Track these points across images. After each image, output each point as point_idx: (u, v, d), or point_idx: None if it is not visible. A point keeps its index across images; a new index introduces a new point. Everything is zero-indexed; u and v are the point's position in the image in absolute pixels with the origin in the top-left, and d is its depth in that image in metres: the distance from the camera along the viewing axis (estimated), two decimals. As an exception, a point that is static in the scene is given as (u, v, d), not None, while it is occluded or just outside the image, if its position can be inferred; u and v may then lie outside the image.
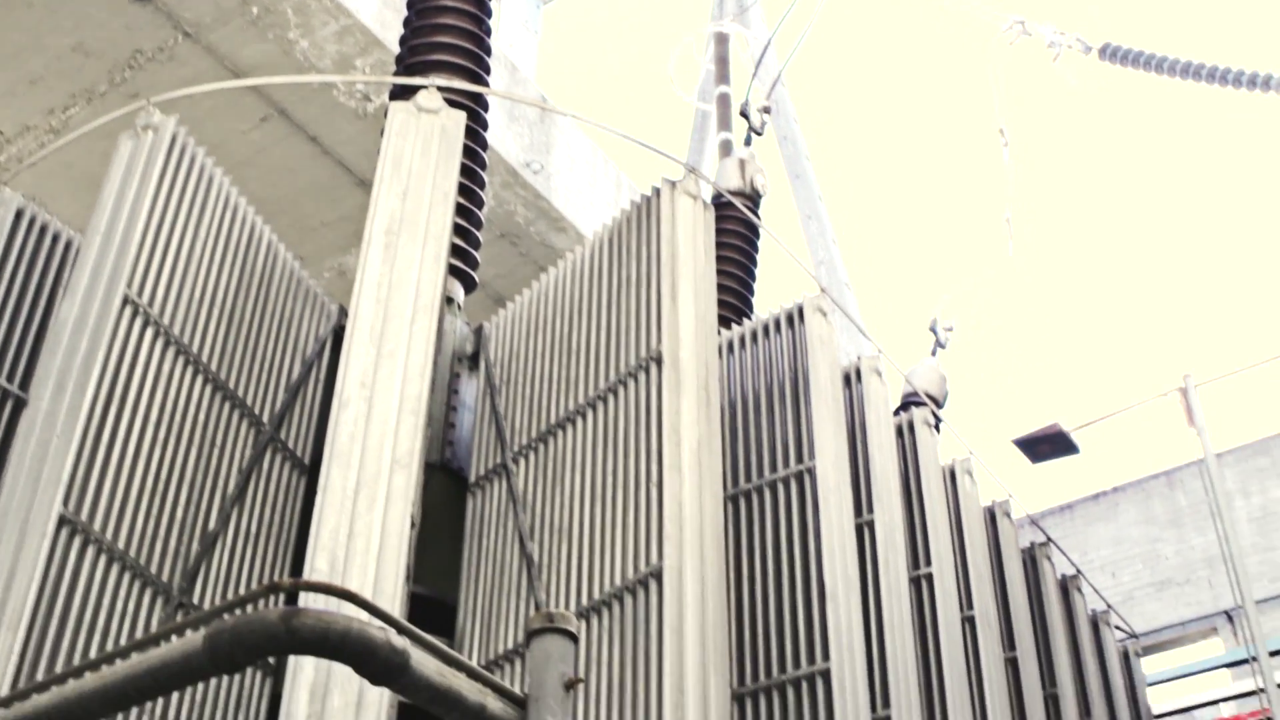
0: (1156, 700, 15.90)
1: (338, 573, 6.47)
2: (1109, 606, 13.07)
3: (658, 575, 6.91)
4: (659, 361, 7.52)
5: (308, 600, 5.70)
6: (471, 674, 3.41)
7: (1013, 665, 10.15)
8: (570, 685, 3.48)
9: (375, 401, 7.05)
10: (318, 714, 6.07)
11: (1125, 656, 13.08)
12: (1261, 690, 10.27)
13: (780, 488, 8.22)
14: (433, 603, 8.09)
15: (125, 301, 7.02)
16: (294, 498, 8.05)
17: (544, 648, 3.49)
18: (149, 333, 7.16)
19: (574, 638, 3.53)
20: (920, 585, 9.13)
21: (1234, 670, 18.82)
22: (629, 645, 6.93)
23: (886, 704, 8.06)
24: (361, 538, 6.63)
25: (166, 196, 7.52)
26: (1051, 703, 10.73)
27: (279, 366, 8.20)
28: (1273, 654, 13.03)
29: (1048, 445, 13.47)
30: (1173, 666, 16.00)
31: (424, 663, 3.30)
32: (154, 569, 6.87)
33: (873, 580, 8.45)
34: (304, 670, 6.10)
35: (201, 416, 7.45)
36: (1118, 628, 13.18)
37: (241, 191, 8.28)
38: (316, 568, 6.47)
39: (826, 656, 7.55)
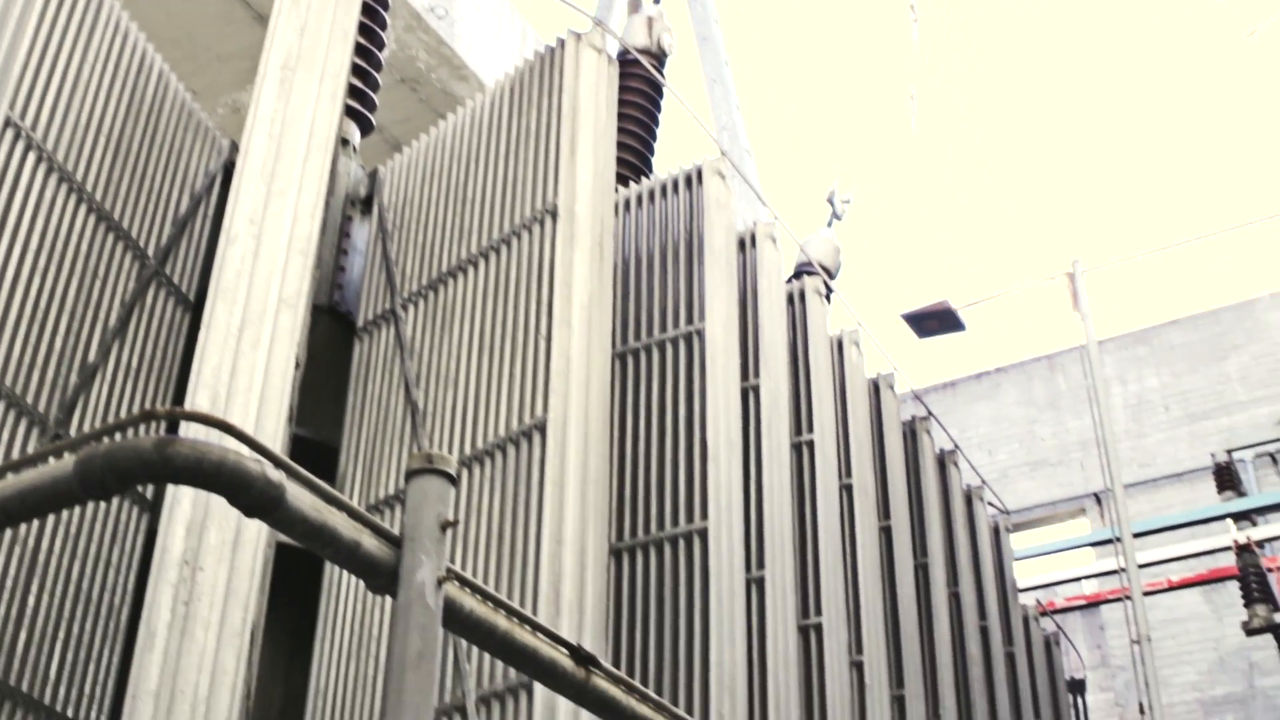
0: (1023, 575, 16.39)
1: (219, 410, 6.40)
2: (983, 482, 13.37)
3: (542, 428, 6.93)
4: (554, 215, 7.47)
5: (185, 431, 5.65)
6: (348, 511, 3.39)
7: (886, 534, 10.37)
8: (446, 526, 3.48)
9: (263, 239, 6.93)
10: (193, 550, 6.04)
11: (996, 531, 13.41)
12: (1123, 570, 10.59)
13: (669, 348, 8.25)
14: (315, 445, 8.07)
15: (7, 124, 6.81)
16: (177, 334, 7.93)
17: (421, 488, 3.48)
18: (31, 157, 6.95)
19: (452, 479, 3.52)
20: (801, 451, 9.26)
21: (1098, 550, 19.42)
22: (510, 496, 6.97)
23: (761, 565, 8.20)
24: (244, 376, 6.55)
25: (54, 17, 7.27)
26: (921, 571, 11.00)
27: (166, 200, 8.02)
28: (1136, 536, 13.44)
29: (935, 321, 13.64)
30: (1041, 543, 16.45)
31: (299, 498, 3.28)
32: (30, 399, 6.75)
33: (755, 444, 8.55)
34: (180, 505, 6.06)
35: (84, 246, 7.28)
36: (990, 504, 13.50)
37: (135, 18, 8.03)
38: (197, 404, 6.40)
39: (705, 516, 7.65)
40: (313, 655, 7.67)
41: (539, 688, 6.48)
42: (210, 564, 6.08)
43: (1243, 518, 15.17)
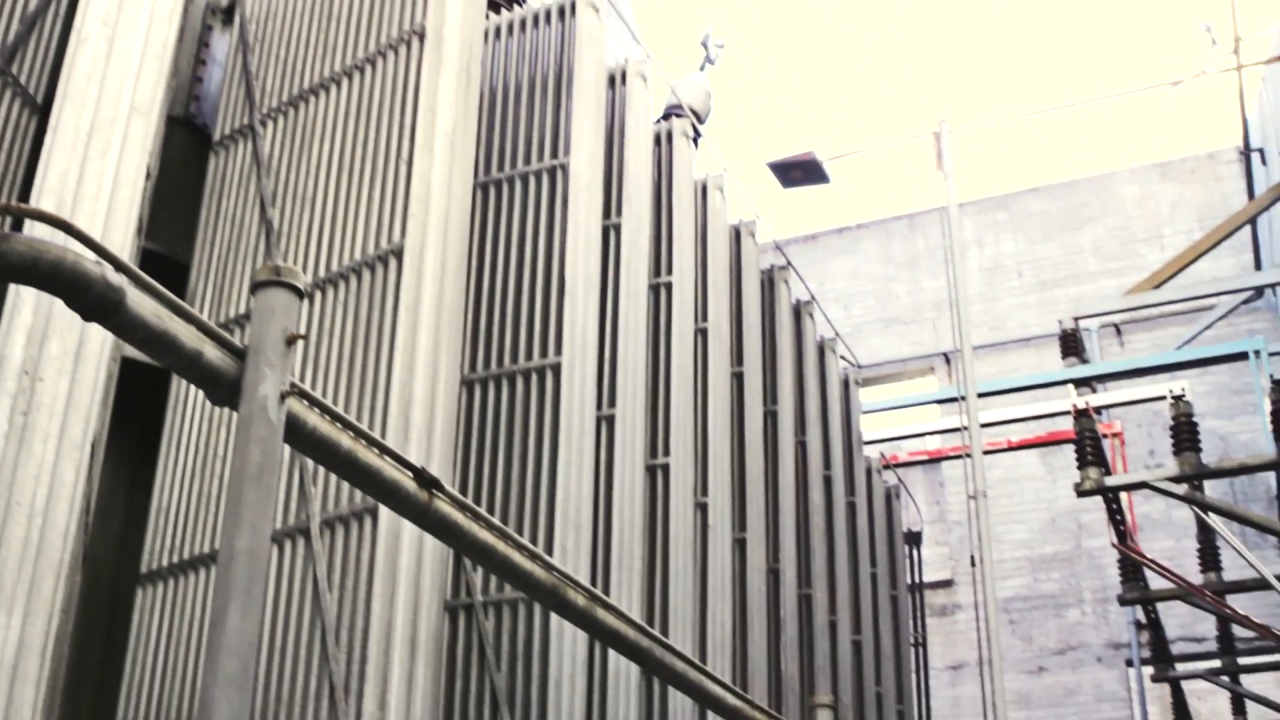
0: (869, 428, 16.72)
1: (65, 217, 6.21)
2: (837, 336, 13.54)
3: (398, 253, 6.84)
4: (421, 36, 7.30)
5: (27, 232, 5.47)
6: (191, 320, 3.32)
7: (738, 379, 10.48)
8: (292, 341, 3.42)
9: (117, 42, 6.68)
10: (34, 360, 5.90)
11: (846, 384, 13.63)
12: (965, 428, 10.85)
13: (532, 181, 8.17)
14: (165, 260, 7.89)
15: None
16: (23, 137, 7.64)
17: (268, 301, 3.41)
18: None
19: (300, 293, 3.46)
20: (659, 293, 9.28)
21: (943, 408, 19.86)
22: (363, 321, 6.89)
23: (612, 403, 8.25)
24: (92, 183, 6.36)
25: None
26: (770, 419, 11.16)
27: (15, -5, 7.68)
28: (980, 396, 13.74)
29: (800, 172, 13.67)
30: (888, 398, 16.76)
31: (140, 303, 3.19)
32: None
33: (613, 282, 8.54)
34: (20, 313, 5.90)
35: (-75, 38, 6.96)
36: (843, 357, 13.70)
37: None
38: (42, 209, 6.20)
39: (559, 351, 7.66)
40: (156, 472, 7.59)
41: (384, 513, 6.48)
42: (51, 375, 5.95)
43: (1083, 384, 15.57)
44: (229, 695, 3.06)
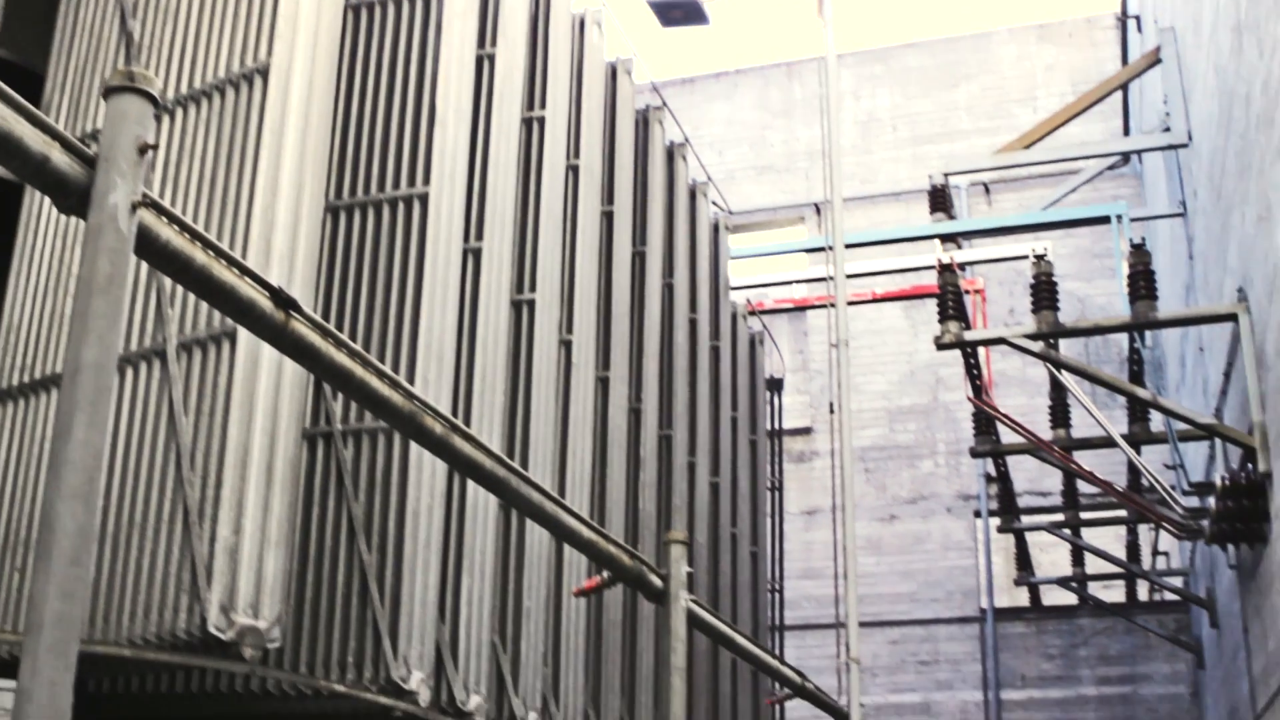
0: (737, 274, 16.80)
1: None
2: (709, 180, 13.51)
3: (264, 72, 6.66)
4: None
5: None
6: (37, 123, 3.18)
7: (608, 218, 10.43)
8: (145, 150, 3.31)
9: None
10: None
11: (716, 229, 13.65)
12: (831, 278, 10.93)
13: (405, 4, 7.97)
14: (17, 69, 7.60)
15: None
16: None
17: (121, 107, 3.29)
18: None
19: (154, 100, 3.33)
20: (531, 127, 9.16)
21: (811, 257, 20.02)
22: (226, 140, 6.72)
23: (480, 236, 8.17)
24: (-60, -19, 6.08)
25: None
26: (639, 259, 11.15)
27: None
28: (848, 246, 13.85)
29: (680, 11, 13.49)
30: (757, 245, 16.81)
31: (-16, 102, 3.06)
32: None
33: (485, 114, 8.41)
34: None
35: None
36: (714, 202, 13.68)
37: None
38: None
39: (427, 181, 7.55)
40: (6, 290, 7.39)
41: (242, 337, 6.39)
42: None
43: (949, 240, 15.74)
44: (73, 510, 3.00)
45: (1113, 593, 21.99)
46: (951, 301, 11.53)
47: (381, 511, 7.37)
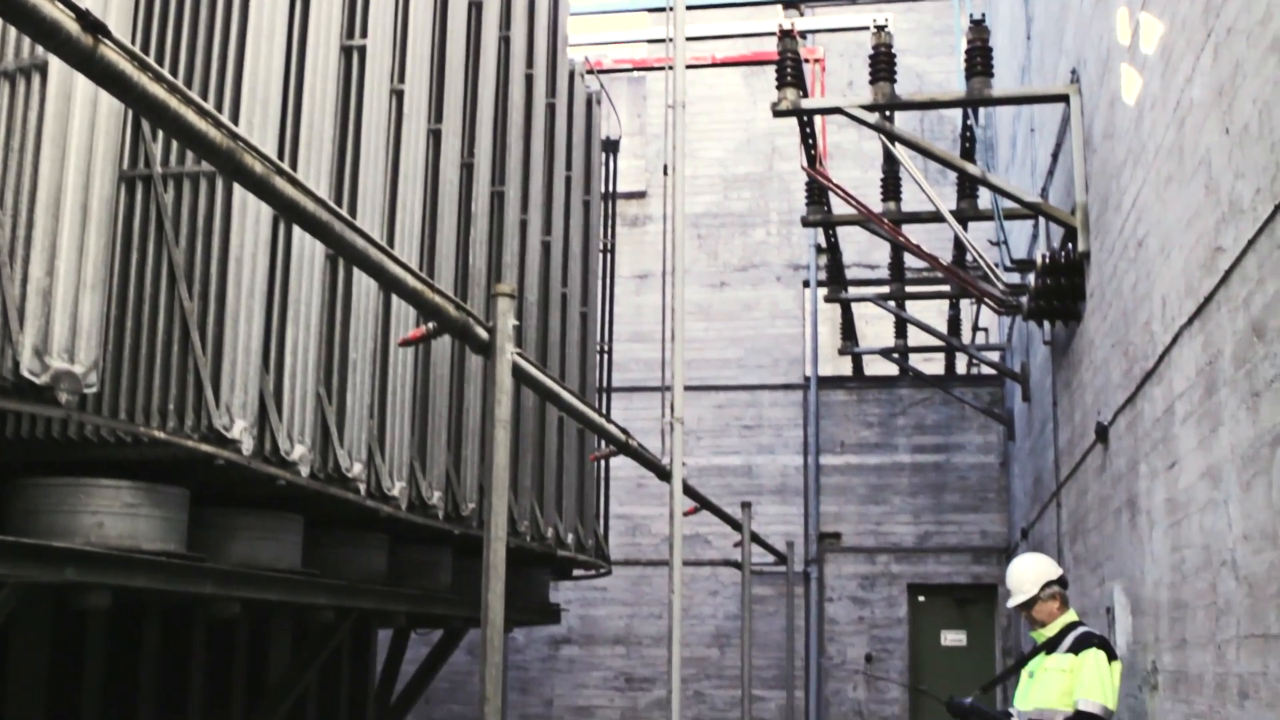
0: (576, 31, 16.43)
1: None
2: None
3: None
4: None
5: None
6: None
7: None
8: None
9: None
10: None
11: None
12: (671, 39, 10.76)
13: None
14: None
15: None
16: None
17: None
18: None
19: None
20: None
21: (652, 17, 19.71)
22: None
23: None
24: None
25: None
26: (475, 9, 10.85)
27: None
28: (689, 9, 13.65)
29: None
30: (597, 3, 16.51)
31: None
32: None
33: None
34: None
35: None
36: None
37: None
38: None
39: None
40: None
41: (54, 68, 6.11)
42: None
43: (791, 6, 15.66)
44: None
45: (932, 365, 22.65)
46: (791, 69, 11.46)
47: (204, 258, 7.20)
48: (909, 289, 17.16)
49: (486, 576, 5.22)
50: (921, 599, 18.79)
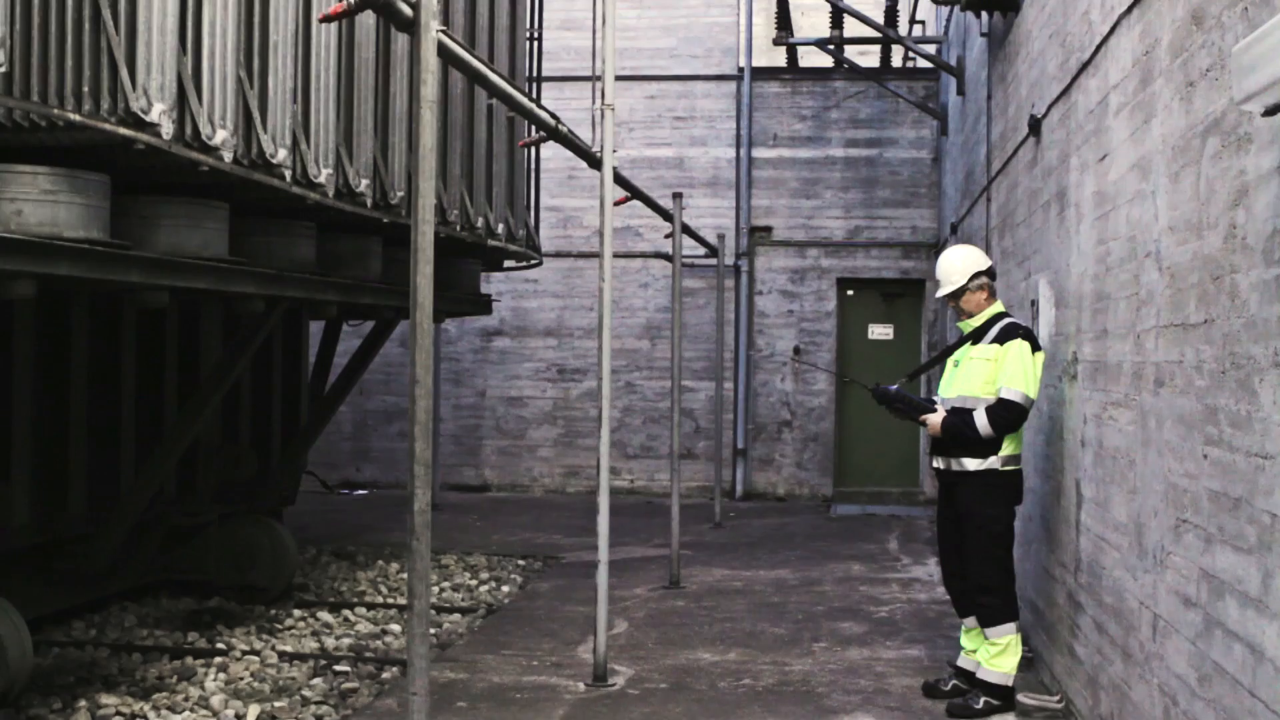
0: None
1: None
2: None
3: None
4: None
5: None
6: None
7: None
8: None
9: None
10: None
11: None
12: None
13: None
14: None
15: None
16: None
17: None
18: None
19: None
20: None
21: None
22: None
23: None
24: None
25: None
26: None
27: None
28: None
29: None
30: None
31: None
32: None
33: None
34: None
35: None
36: None
37: None
38: None
39: None
40: None
41: None
42: None
43: None
44: None
45: (868, 58, 22.38)
46: None
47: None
48: (847, -22, 16.80)
49: (415, 260, 5.17)
50: (850, 293, 19.00)
